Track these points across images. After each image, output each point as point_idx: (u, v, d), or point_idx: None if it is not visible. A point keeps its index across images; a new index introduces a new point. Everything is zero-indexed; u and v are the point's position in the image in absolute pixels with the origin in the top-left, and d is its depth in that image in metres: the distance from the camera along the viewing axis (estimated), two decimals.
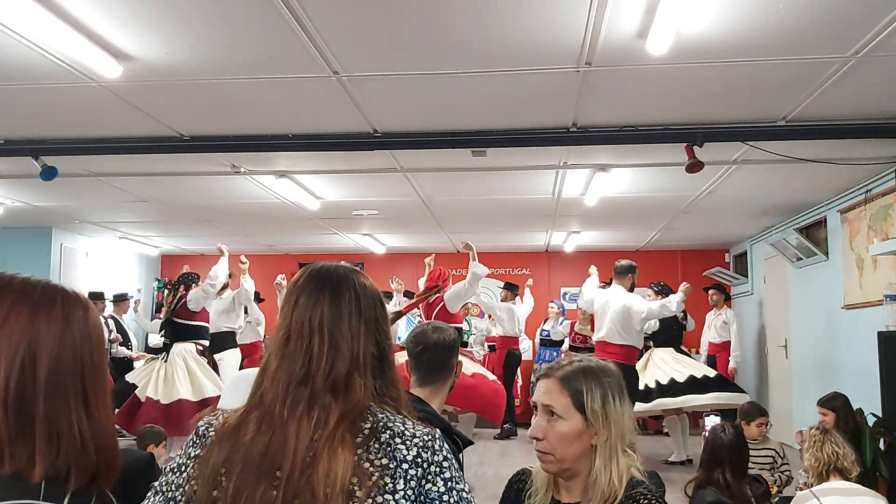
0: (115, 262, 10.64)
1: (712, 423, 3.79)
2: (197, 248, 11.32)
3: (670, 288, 8.32)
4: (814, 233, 7.83)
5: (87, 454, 1.11)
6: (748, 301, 10.22)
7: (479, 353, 10.29)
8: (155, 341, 10.02)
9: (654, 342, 8.17)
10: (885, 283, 5.94)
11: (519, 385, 10.12)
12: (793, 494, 3.79)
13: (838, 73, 4.09)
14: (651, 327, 8.03)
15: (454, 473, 1.34)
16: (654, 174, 6.35)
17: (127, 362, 9.49)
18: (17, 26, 3.50)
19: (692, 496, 3.29)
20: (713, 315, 9.35)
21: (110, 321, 9.42)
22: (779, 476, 4.79)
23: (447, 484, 1.31)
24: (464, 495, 1.33)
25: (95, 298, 9.23)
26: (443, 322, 2.97)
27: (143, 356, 9.68)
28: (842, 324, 7.00)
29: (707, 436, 3.48)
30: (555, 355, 9.79)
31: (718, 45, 3.71)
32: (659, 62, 3.87)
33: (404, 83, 4.27)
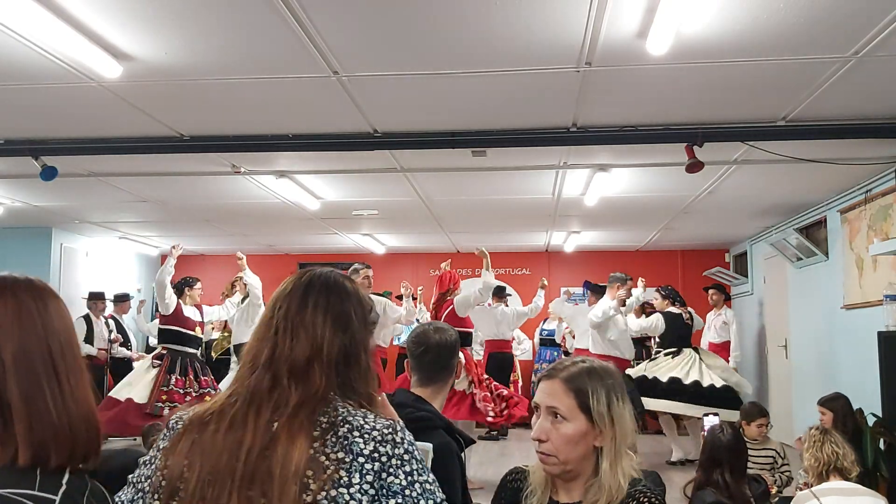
0: (115, 262, 10.64)
1: (711, 424, 3.79)
2: (197, 248, 11.32)
3: (677, 291, 8.33)
4: (814, 233, 7.83)
5: (65, 431, 1.16)
6: (748, 301, 10.22)
7: (480, 354, 10.27)
8: (156, 342, 10.02)
9: (664, 343, 8.13)
10: (885, 283, 5.94)
11: (519, 385, 10.02)
12: (793, 494, 3.79)
13: (838, 73, 4.09)
14: (658, 329, 8.02)
15: (416, 466, 1.34)
16: (654, 174, 6.35)
17: (126, 362, 9.49)
18: (17, 26, 3.50)
19: (691, 497, 3.29)
20: (713, 315, 9.35)
21: (111, 321, 9.41)
22: (779, 476, 4.79)
23: (409, 477, 1.32)
24: (427, 486, 1.33)
25: (96, 298, 9.24)
26: (444, 322, 2.97)
27: (144, 356, 9.69)
28: (842, 324, 7.00)
29: (706, 436, 3.48)
30: (555, 355, 9.79)
31: (718, 45, 3.71)
32: (659, 62, 3.87)
33: (404, 83, 4.27)
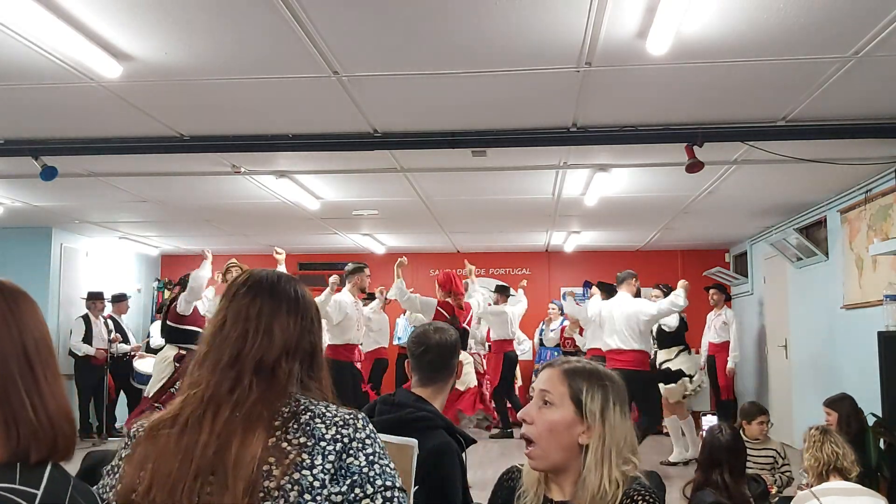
0: (115, 262, 10.64)
1: (710, 424, 3.79)
2: (197, 249, 11.26)
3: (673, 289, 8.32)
4: (814, 233, 7.83)
5: (43, 428, 1.18)
6: (748, 301, 10.22)
7: (479, 352, 10.28)
8: (157, 343, 10.02)
9: (662, 343, 8.13)
10: (885, 283, 5.94)
11: (518, 385, 10.05)
12: (793, 494, 3.79)
13: (838, 73, 4.09)
14: (670, 326, 8.03)
15: (378, 450, 1.37)
16: (654, 174, 6.35)
17: (127, 361, 9.50)
18: (17, 26, 3.50)
19: (691, 497, 3.29)
20: (713, 315, 9.35)
21: (109, 321, 9.42)
22: (779, 476, 4.79)
23: (369, 458, 1.35)
24: (388, 469, 1.36)
25: (95, 298, 9.25)
26: (444, 323, 2.97)
27: (144, 355, 9.70)
28: (842, 324, 7.00)
29: (705, 437, 3.48)
30: (555, 355, 9.79)
31: (718, 45, 3.71)
32: (659, 62, 3.87)
33: (404, 83, 4.26)
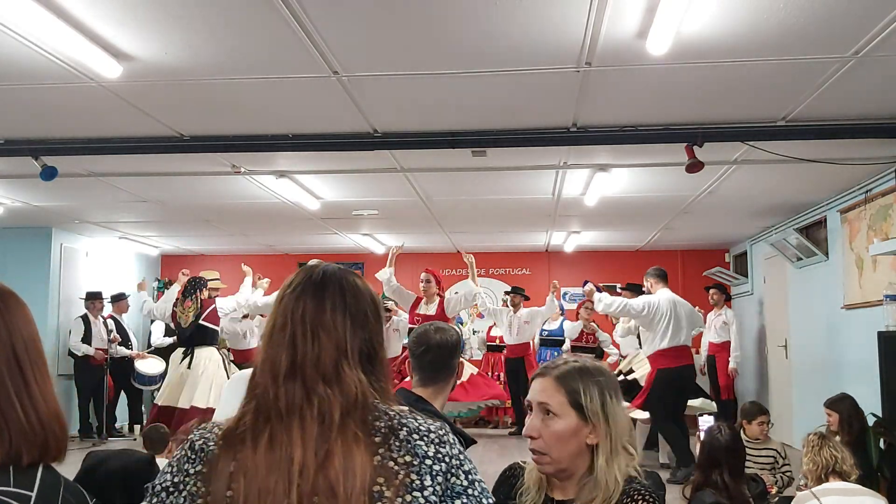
0: (115, 262, 10.63)
1: (707, 425, 3.78)
2: (197, 248, 11.32)
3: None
4: (814, 233, 7.83)
5: (34, 430, 1.18)
6: (748, 301, 10.22)
7: (480, 354, 10.28)
8: (158, 342, 10.02)
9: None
10: (885, 283, 5.94)
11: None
12: (793, 495, 3.79)
13: (838, 73, 4.09)
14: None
15: (471, 465, 1.33)
16: (654, 174, 6.35)
17: (128, 362, 9.50)
18: (17, 26, 3.50)
19: (690, 498, 3.29)
20: (713, 315, 9.35)
21: (109, 321, 9.42)
22: (780, 477, 4.79)
23: (468, 476, 1.31)
24: (483, 485, 1.33)
25: (93, 298, 9.25)
26: (445, 323, 2.97)
27: (145, 356, 9.70)
28: (842, 324, 6.99)
29: (703, 437, 3.47)
30: (555, 355, 9.78)
31: (718, 45, 3.70)
32: (659, 62, 3.87)
33: (404, 83, 4.26)
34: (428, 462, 1.26)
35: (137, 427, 9.36)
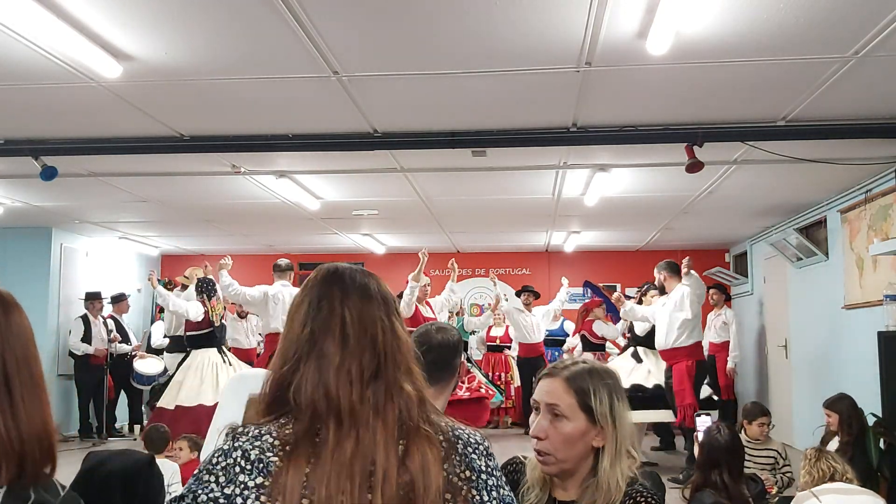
0: (115, 262, 10.63)
1: (705, 425, 3.77)
2: (197, 248, 11.32)
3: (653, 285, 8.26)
4: (814, 233, 7.83)
5: (13, 447, 1.14)
6: (748, 301, 10.21)
7: (480, 353, 10.27)
8: (159, 342, 10.01)
9: (644, 343, 8.03)
10: (885, 283, 5.94)
11: (514, 387, 9.96)
12: (793, 495, 3.78)
13: (838, 73, 4.09)
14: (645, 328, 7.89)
15: (504, 479, 1.33)
16: (654, 174, 6.35)
17: (128, 362, 9.50)
18: (17, 26, 3.50)
19: (690, 498, 3.28)
20: (713, 315, 9.35)
21: (109, 321, 9.42)
22: (780, 477, 4.79)
23: (507, 487, 1.31)
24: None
25: (93, 298, 9.25)
26: (446, 322, 2.97)
27: (145, 355, 9.69)
28: (842, 324, 6.99)
29: (702, 438, 3.47)
30: (556, 355, 9.77)
31: (718, 45, 3.70)
32: (659, 62, 3.87)
33: (404, 83, 4.26)
34: (483, 477, 1.26)
35: (137, 427, 9.36)
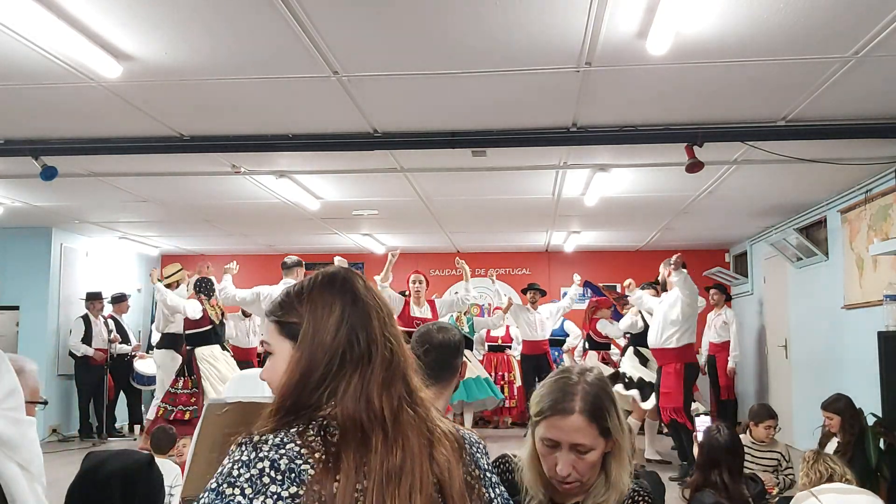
0: (115, 262, 10.63)
1: (704, 425, 3.77)
2: (197, 248, 11.32)
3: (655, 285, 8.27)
4: (814, 233, 7.83)
5: None
6: (748, 301, 10.22)
7: (481, 353, 10.27)
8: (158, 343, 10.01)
9: (637, 342, 8.02)
10: (885, 283, 5.94)
11: (516, 386, 9.96)
12: (793, 495, 3.79)
13: (838, 73, 4.09)
14: (638, 326, 7.89)
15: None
16: (654, 174, 6.35)
17: (128, 362, 9.50)
18: (17, 26, 3.50)
19: (690, 498, 3.28)
20: (713, 315, 9.35)
21: (110, 321, 9.42)
22: (783, 479, 4.79)
23: (502, 485, 1.36)
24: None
25: (93, 299, 9.25)
26: (447, 322, 2.96)
27: (144, 356, 9.69)
28: (842, 324, 6.99)
29: (702, 438, 3.47)
30: (556, 354, 9.76)
31: (718, 45, 3.71)
32: (659, 62, 3.87)
33: (404, 83, 4.27)
34: (488, 475, 1.32)
35: (137, 427, 9.36)
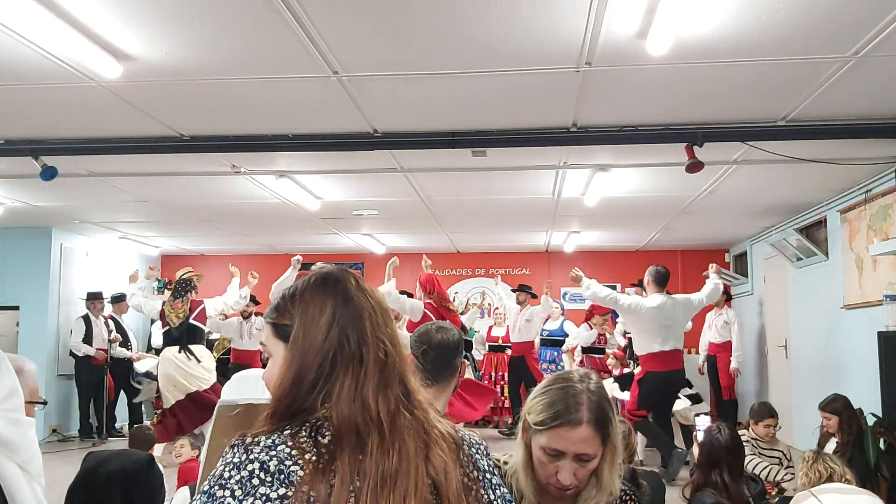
0: (115, 262, 10.63)
1: (705, 425, 3.77)
2: (197, 248, 11.32)
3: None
4: (814, 233, 7.83)
5: None
6: (748, 301, 10.22)
7: (481, 353, 10.27)
8: (159, 342, 10.00)
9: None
10: (885, 283, 5.94)
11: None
12: (793, 495, 3.78)
13: (838, 73, 4.09)
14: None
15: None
16: (654, 174, 6.35)
17: (127, 363, 9.49)
18: (17, 26, 3.50)
19: (690, 498, 3.28)
20: (714, 315, 9.34)
21: (110, 321, 9.41)
22: (784, 475, 4.79)
23: (503, 485, 1.34)
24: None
25: (94, 298, 9.25)
26: (447, 322, 2.96)
27: (143, 356, 9.69)
28: (842, 324, 7.00)
29: (703, 438, 3.47)
30: (555, 355, 9.76)
31: (718, 45, 3.71)
32: (659, 62, 3.87)
33: (404, 83, 4.27)
34: (488, 476, 1.30)
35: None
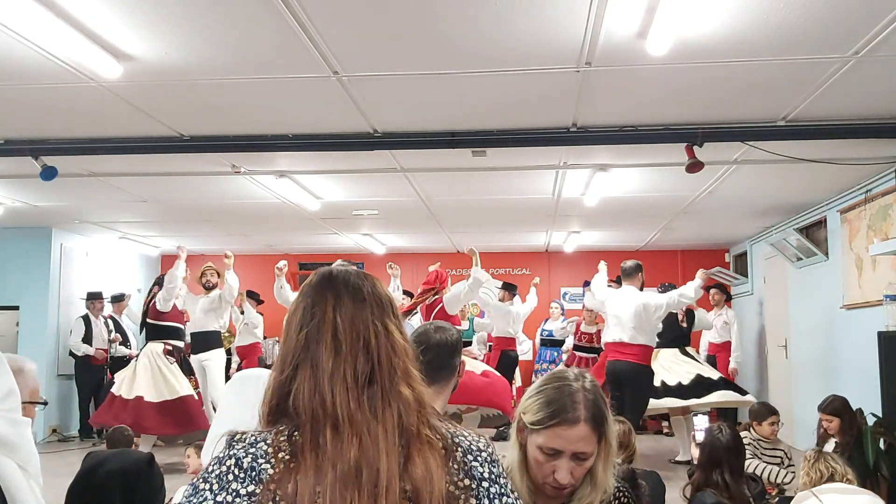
0: (115, 262, 10.63)
1: (703, 424, 3.77)
2: (197, 248, 11.31)
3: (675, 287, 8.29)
4: (814, 233, 7.83)
5: None
6: (748, 301, 10.22)
7: (481, 353, 10.27)
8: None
9: (660, 342, 8.09)
10: (885, 283, 5.94)
11: (516, 387, 9.96)
12: (793, 495, 3.79)
13: (838, 73, 4.09)
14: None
15: (510, 485, 1.30)
16: (654, 174, 6.35)
17: (127, 362, 9.49)
18: (17, 26, 3.50)
19: (690, 498, 3.28)
20: (714, 315, 9.34)
21: (109, 321, 9.42)
22: (784, 478, 4.79)
23: (513, 494, 1.28)
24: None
25: (94, 298, 9.25)
26: (445, 322, 2.96)
27: None
28: (842, 324, 7.00)
29: (704, 437, 3.47)
30: (556, 355, 9.77)
31: (718, 45, 3.71)
32: (659, 62, 3.87)
33: (404, 83, 4.27)
34: (485, 485, 1.23)
35: None
